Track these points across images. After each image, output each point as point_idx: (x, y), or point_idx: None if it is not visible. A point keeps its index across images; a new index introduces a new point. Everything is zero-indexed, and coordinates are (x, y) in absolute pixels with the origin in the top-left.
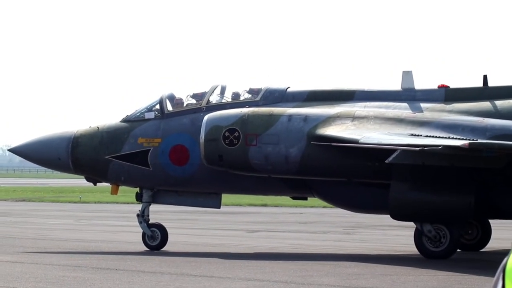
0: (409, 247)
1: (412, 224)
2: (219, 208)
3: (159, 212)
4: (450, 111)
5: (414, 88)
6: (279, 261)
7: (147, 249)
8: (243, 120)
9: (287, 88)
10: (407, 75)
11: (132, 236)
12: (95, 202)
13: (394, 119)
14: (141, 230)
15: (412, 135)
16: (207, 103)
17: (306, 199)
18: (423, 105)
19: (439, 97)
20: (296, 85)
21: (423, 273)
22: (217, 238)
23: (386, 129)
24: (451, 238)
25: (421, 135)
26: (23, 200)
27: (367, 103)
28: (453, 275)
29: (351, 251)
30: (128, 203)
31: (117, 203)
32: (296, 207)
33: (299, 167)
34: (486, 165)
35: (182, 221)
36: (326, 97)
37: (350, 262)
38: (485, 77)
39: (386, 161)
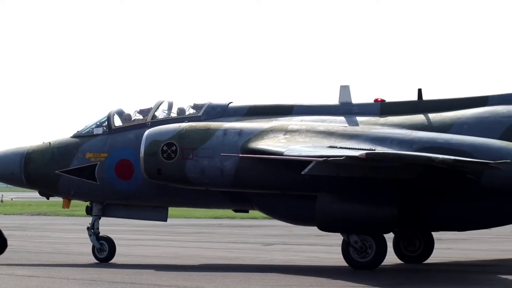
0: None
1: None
2: (166, 221)
3: (175, 226)
4: (384, 124)
5: (351, 102)
6: (294, 274)
7: (159, 263)
8: (180, 134)
9: (229, 104)
10: (344, 90)
11: (148, 249)
12: (108, 216)
13: (325, 132)
14: (161, 245)
15: (330, 147)
16: (152, 119)
17: (247, 211)
18: (359, 118)
19: (375, 111)
20: (238, 101)
21: (449, 282)
22: (233, 251)
23: (315, 142)
24: (377, 248)
25: (336, 147)
26: (39, 214)
27: (304, 117)
28: None
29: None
30: None
31: None
32: None
33: (233, 180)
34: (398, 176)
35: (198, 235)
36: (265, 112)
37: (366, 274)
38: (419, 91)
39: (302, 173)
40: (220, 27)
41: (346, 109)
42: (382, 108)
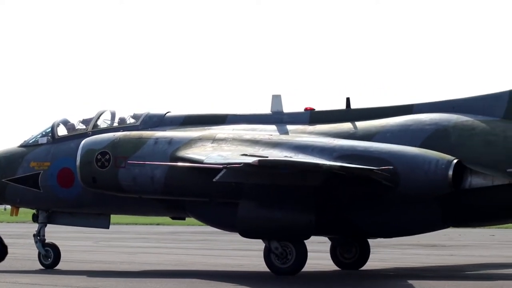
0: (428, 265)
1: (432, 243)
2: (108, 228)
3: (178, 233)
4: (311, 133)
5: (282, 111)
6: (297, 281)
7: (158, 270)
8: (114, 143)
9: (166, 113)
10: (276, 99)
11: (150, 257)
12: (113, 224)
13: (250, 141)
14: (164, 252)
15: (243, 155)
16: (93, 128)
17: (184, 219)
18: (289, 127)
19: (305, 120)
20: (176, 110)
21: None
22: (235, 259)
23: (239, 150)
24: (297, 254)
25: (247, 154)
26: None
27: (236, 126)
28: None
29: (370, 270)
30: (146, 224)
31: (136, 224)
32: None
33: (163, 187)
34: (304, 183)
35: (201, 242)
36: (200, 121)
37: (371, 281)
38: (348, 100)
39: (214, 180)
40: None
41: (277, 118)
42: (312, 116)
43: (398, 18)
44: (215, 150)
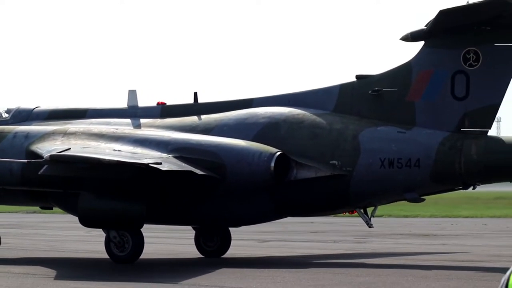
0: (419, 255)
1: (424, 232)
2: None
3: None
4: (158, 126)
5: (137, 106)
6: (290, 271)
7: (159, 260)
8: None
9: (35, 108)
10: (132, 94)
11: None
12: None
13: (97, 134)
14: (156, 242)
15: (67, 149)
16: None
17: (51, 208)
18: (142, 121)
19: (156, 114)
20: (44, 105)
21: (435, 280)
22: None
23: (83, 144)
24: (133, 243)
25: (70, 148)
26: (34, 212)
27: (93, 120)
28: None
29: (363, 260)
30: None
31: None
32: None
33: (20, 179)
34: (114, 176)
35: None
36: (63, 115)
37: (362, 270)
38: (195, 94)
39: (39, 173)
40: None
41: (132, 112)
42: (162, 111)
43: (237, 17)
44: (62, 144)
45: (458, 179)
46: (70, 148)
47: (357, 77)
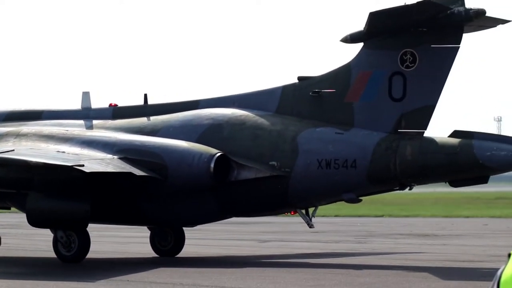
0: (419, 255)
1: (425, 232)
2: None
3: None
4: (108, 128)
5: (90, 107)
6: (290, 271)
7: (158, 259)
8: None
9: None
10: (85, 96)
11: (143, 247)
12: None
13: (47, 136)
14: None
15: (10, 150)
16: None
17: (9, 208)
18: (94, 122)
19: (108, 115)
20: (3, 106)
21: (435, 281)
22: (228, 249)
23: (33, 145)
24: (79, 243)
25: (13, 150)
26: None
27: (47, 122)
28: (465, 283)
29: (363, 260)
30: None
31: None
32: None
33: None
34: (54, 177)
35: (193, 232)
36: (20, 117)
37: (362, 271)
38: (145, 96)
39: None
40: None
41: (85, 113)
42: (114, 112)
43: (183, 20)
44: (13, 145)
45: (394, 180)
46: (13, 150)
47: (299, 78)
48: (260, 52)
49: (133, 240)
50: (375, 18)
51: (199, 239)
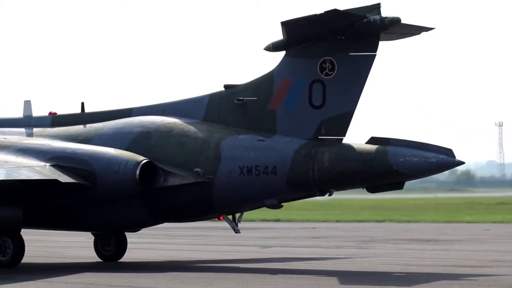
0: (421, 260)
1: (426, 238)
2: None
3: (171, 229)
4: (46, 136)
5: (31, 116)
6: (292, 276)
7: (162, 265)
8: None
9: None
10: (27, 104)
11: (145, 253)
12: None
13: None
14: (157, 248)
15: None
16: None
17: None
18: (34, 130)
19: (47, 123)
20: None
21: (436, 286)
22: (230, 254)
23: None
24: (14, 247)
25: None
26: None
27: None
28: None
29: (364, 265)
30: None
31: None
32: (308, 221)
33: None
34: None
35: (194, 238)
36: None
37: (363, 276)
38: (82, 104)
39: None
40: None
41: (27, 121)
42: (53, 120)
43: (120, 32)
44: None
45: (313, 186)
46: None
47: (225, 86)
48: (192, 59)
49: (138, 246)
50: (288, 27)
51: (201, 245)
